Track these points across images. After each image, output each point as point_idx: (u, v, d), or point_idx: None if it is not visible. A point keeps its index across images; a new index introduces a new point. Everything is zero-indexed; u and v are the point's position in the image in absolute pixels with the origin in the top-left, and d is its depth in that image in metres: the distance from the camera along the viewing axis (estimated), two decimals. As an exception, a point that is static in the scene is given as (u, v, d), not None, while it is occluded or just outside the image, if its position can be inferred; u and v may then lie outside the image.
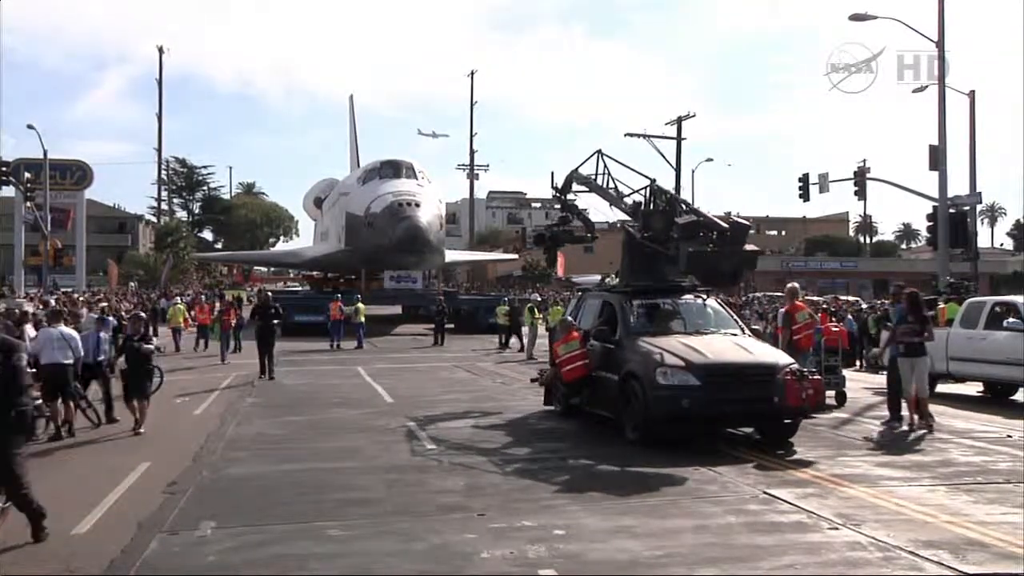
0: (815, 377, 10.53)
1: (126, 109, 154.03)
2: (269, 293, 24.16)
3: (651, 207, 13.27)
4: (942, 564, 6.19)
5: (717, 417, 10.78)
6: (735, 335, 11.94)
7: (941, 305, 19.26)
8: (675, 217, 12.31)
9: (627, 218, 14.11)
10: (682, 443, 10.38)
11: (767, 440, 10.89)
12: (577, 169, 15.57)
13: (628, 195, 14.12)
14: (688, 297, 12.82)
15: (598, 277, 15.28)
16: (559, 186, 16.24)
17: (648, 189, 13.55)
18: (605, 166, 14.82)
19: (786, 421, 10.80)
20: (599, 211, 16.02)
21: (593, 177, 15.02)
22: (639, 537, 6.91)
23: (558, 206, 16.78)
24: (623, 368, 11.28)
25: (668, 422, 10.52)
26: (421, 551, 6.60)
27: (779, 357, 11.20)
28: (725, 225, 12.01)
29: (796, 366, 10.78)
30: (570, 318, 13.34)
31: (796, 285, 15.08)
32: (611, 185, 14.59)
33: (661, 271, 12.94)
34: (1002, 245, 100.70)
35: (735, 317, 13.01)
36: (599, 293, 13.76)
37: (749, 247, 12.22)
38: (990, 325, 15.08)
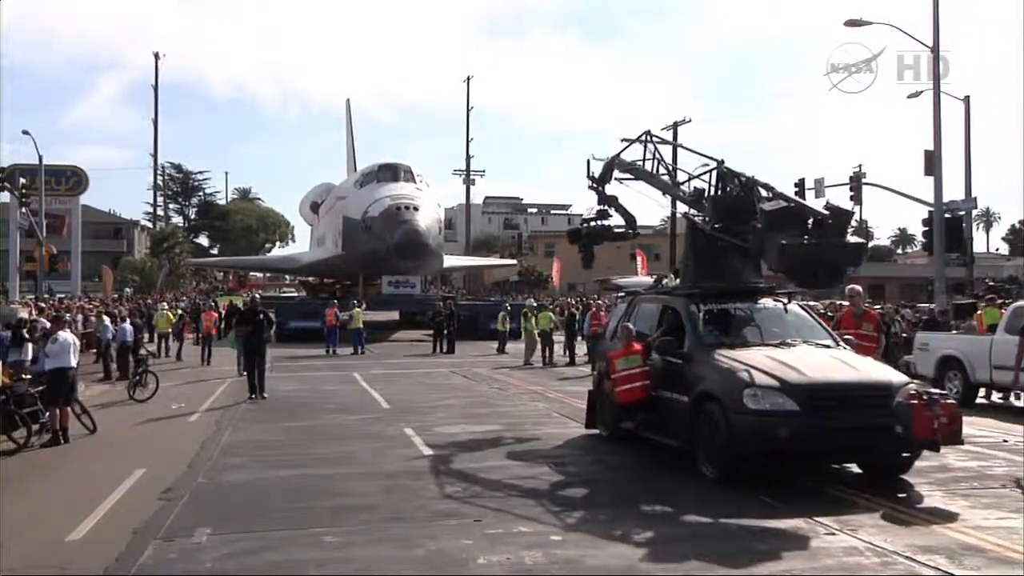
0: (948, 401, 8.60)
1: (121, 115, 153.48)
2: (258, 297, 23.38)
3: (719, 193, 11.31)
4: (939, 569, 6.19)
5: (822, 451, 8.89)
6: (828, 347, 10.06)
7: (979, 311, 18.05)
8: (758, 203, 10.28)
9: (686, 208, 12.33)
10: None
11: (871, 476, 9.13)
12: (619, 155, 13.64)
13: (685, 181, 12.28)
14: (766, 301, 10.87)
15: (647, 278, 13.92)
16: (596, 175, 14.21)
17: (715, 172, 11.47)
18: (656, 150, 12.94)
19: (904, 455, 9.03)
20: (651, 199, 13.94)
21: (640, 163, 13.16)
22: (635, 543, 6.91)
23: (592, 205, 14.60)
24: (695, 388, 9.41)
25: (759, 456, 8.70)
26: (418, 557, 6.59)
27: (892, 375, 9.35)
28: (825, 212, 10.05)
29: (915, 386, 9.02)
30: (630, 325, 11.20)
31: (859, 288, 12.61)
32: (662, 171, 12.82)
33: (734, 269, 11.06)
34: (997, 250, 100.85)
35: (824, 326, 10.92)
36: (657, 297, 11.82)
37: (853, 239, 10.32)
38: None
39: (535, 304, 29.42)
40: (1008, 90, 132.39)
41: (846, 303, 14.65)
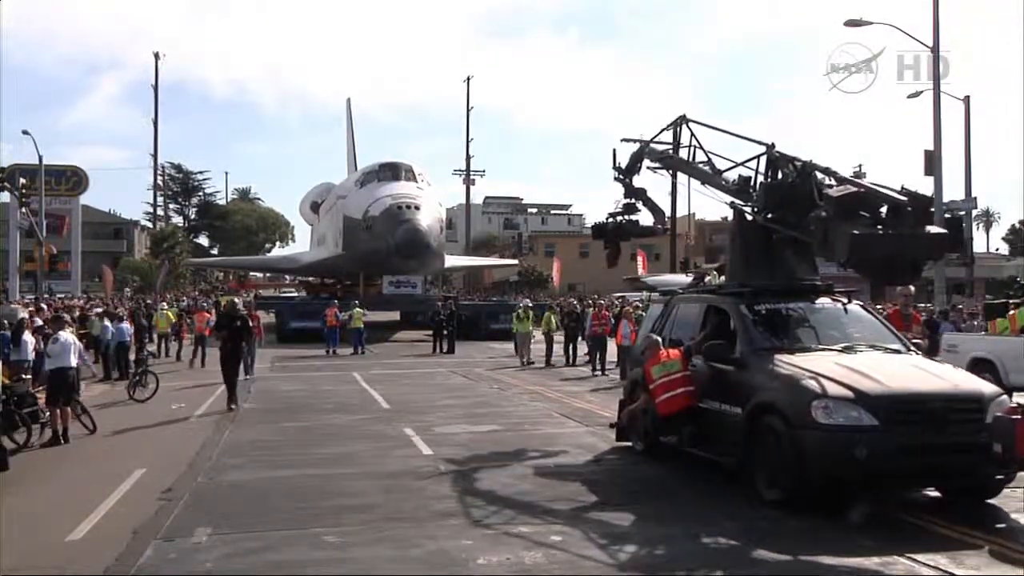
0: None
1: (121, 115, 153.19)
2: (236, 300, 22.12)
3: (770, 180, 10.06)
4: (939, 569, 6.20)
5: (905, 473, 7.73)
6: (899, 352, 9.05)
7: (1011, 311, 17.05)
8: (820, 189, 9.07)
9: (731, 198, 11.03)
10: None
11: (952, 500, 8.15)
12: (650, 143, 12.61)
13: (728, 169, 11.13)
14: (825, 301, 9.83)
15: (683, 277, 12.71)
16: (623, 167, 13.18)
17: (764, 158, 10.17)
18: (692, 136, 11.77)
19: (998, 477, 7.89)
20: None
21: (672, 152, 12.20)
22: (635, 542, 6.92)
23: (621, 198, 13.54)
24: (751, 398, 8.37)
25: (832, 478, 7.57)
26: (418, 557, 6.59)
27: (983, 385, 8.32)
28: (902, 197, 8.84)
29: (1007, 398, 8.04)
30: (655, 335, 10.27)
31: (912, 288, 11.47)
32: (699, 159, 11.72)
33: (787, 265, 10.00)
34: (997, 250, 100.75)
35: (892, 328, 9.76)
36: (701, 296, 10.72)
37: (933, 229, 9.10)
38: None
39: (530, 304, 29.40)
40: (1008, 90, 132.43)
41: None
